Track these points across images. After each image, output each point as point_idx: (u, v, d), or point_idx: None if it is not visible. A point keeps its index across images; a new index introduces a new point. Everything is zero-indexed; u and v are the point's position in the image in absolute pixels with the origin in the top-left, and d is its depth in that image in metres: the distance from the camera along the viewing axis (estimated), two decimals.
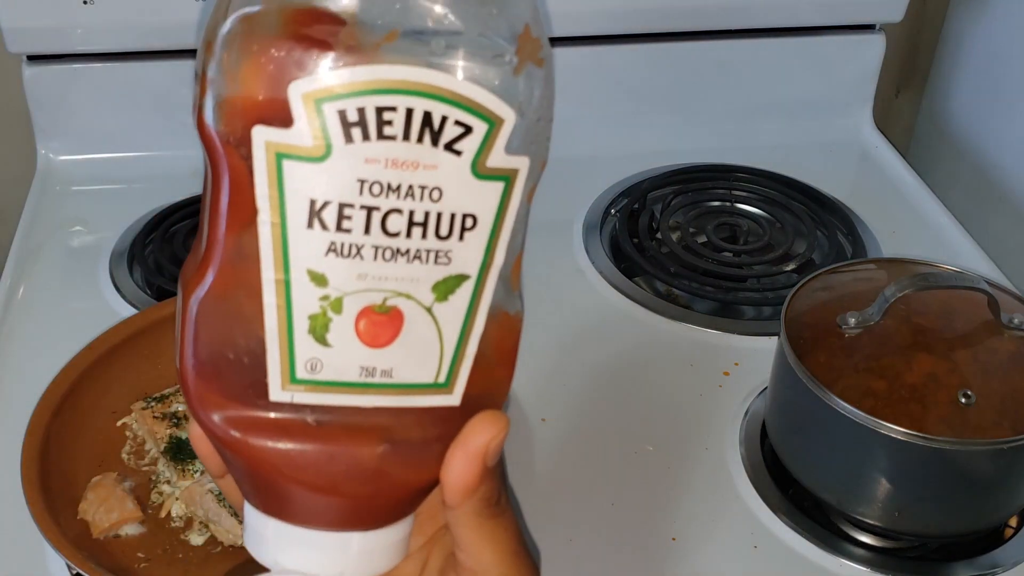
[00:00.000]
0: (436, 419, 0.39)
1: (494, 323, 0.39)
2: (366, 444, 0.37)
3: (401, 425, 0.38)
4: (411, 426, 0.38)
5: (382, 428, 0.38)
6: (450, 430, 0.39)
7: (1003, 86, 1.20)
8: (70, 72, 1.08)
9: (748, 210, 1.09)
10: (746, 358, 0.90)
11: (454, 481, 0.38)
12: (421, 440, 0.38)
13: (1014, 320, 0.74)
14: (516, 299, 0.41)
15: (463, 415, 0.39)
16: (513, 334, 0.41)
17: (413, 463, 0.38)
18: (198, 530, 0.73)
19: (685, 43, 1.17)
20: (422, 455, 0.39)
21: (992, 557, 0.75)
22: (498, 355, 0.40)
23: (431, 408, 0.39)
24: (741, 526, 0.76)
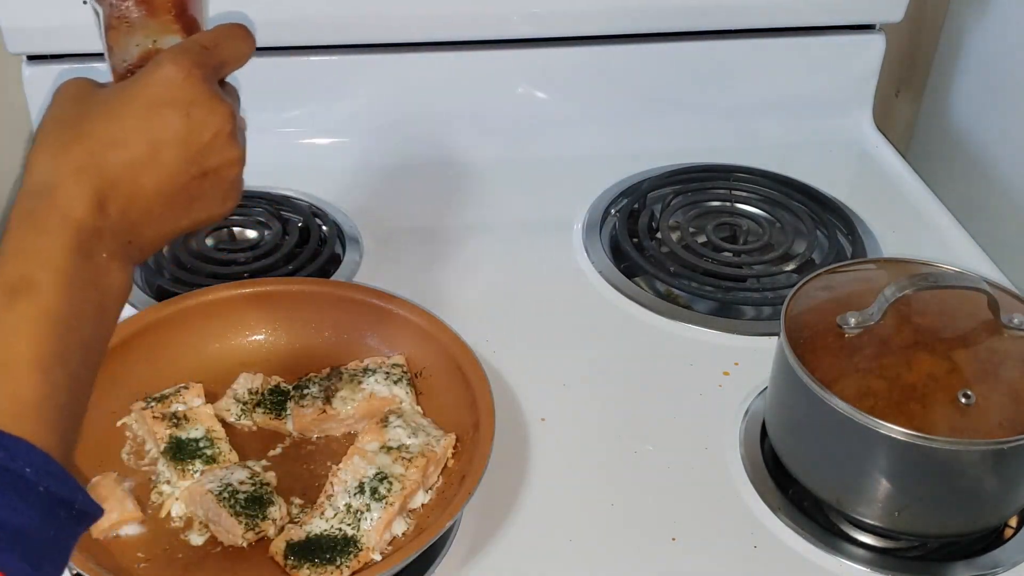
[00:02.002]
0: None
1: None
2: None
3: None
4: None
5: None
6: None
7: (1003, 86, 1.20)
8: (70, 72, 1.08)
9: (748, 210, 1.09)
10: (746, 358, 0.90)
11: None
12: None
13: (1014, 320, 0.74)
14: None
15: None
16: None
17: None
18: (198, 530, 0.73)
19: (685, 43, 1.17)
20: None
21: (992, 557, 0.75)
22: None
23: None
24: (741, 526, 0.76)
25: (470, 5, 1.10)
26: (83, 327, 0.51)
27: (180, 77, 0.54)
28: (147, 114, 0.54)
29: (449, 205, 1.09)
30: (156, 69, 0.54)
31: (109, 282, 0.53)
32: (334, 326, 0.87)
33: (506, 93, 1.16)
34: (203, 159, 0.55)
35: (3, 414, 0.46)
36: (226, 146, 0.56)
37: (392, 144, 1.14)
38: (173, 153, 0.54)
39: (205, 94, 0.55)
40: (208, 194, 0.57)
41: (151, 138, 0.54)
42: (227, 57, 0.58)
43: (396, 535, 0.72)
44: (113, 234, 0.53)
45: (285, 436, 0.80)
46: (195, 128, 0.55)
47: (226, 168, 0.57)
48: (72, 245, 0.51)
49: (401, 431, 0.77)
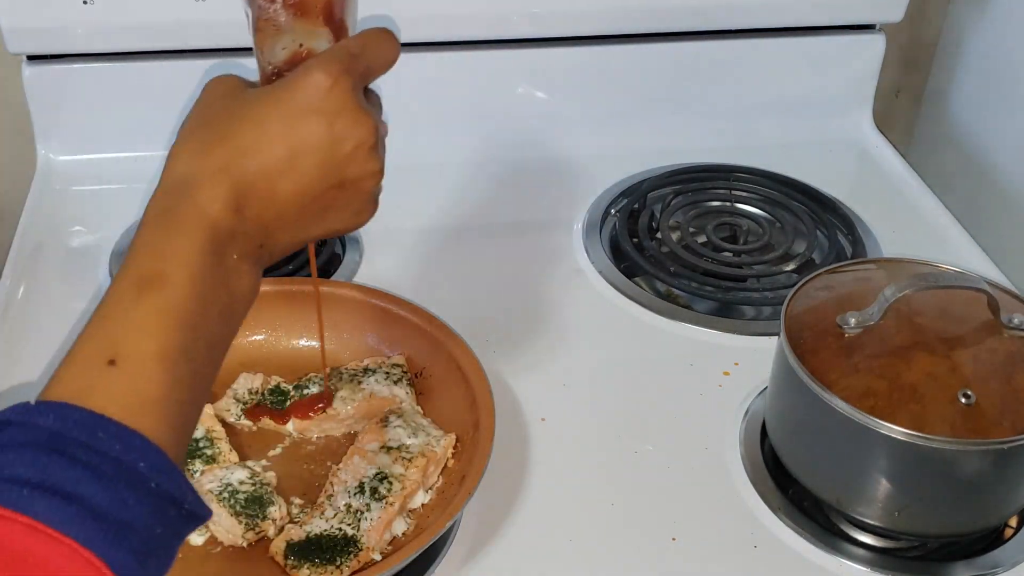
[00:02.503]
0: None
1: None
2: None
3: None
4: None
5: None
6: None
7: (1003, 86, 1.20)
8: (70, 72, 1.08)
9: (748, 210, 1.09)
10: (746, 358, 0.90)
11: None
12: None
13: (1014, 320, 0.74)
14: None
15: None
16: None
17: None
18: (198, 530, 0.73)
19: (685, 43, 1.17)
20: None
21: (992, 557, 0.75)
22: None
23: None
24: (741, 526, 0.76)
25: (470, 5, 1.10)
26: (209, 326, 0.51)
27: (327, 85, 0.54)
28: (291, 121, 0.54)
29: (449, 205, 1.09)
30: (305, 75, 0.54)
31: (238, 284, 0.53)
32: (334, 326, 0.87)
33: (506, 93, 1.16)
34: (342, 170, 0.55)
35: (123, 407, 0.46)
36: (367, 159, 0.56)
37: (392, 144, 1.14)
38: (313, 162, 0.54)
39: (351, 104, 0.55)
40: (343, 205, 0.57)
41: (293, 145, 0.54)
42: (374, 64, 0.58)
43: (396, 535, 0.72)
44: (246, 237, 0.53)
45: (285, 436, 0.80)
46: (338, 139, 0.54)
47: (364, 180, 0.57)
48: (206, 244, 0.51)
49: (401, 431, 0.77)
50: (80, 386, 0.47)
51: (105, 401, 0.46)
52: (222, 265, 0.52)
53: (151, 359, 0.48)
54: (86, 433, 0.45)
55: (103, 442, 0.45)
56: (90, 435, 0.45)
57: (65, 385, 0.47)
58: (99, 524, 0.43)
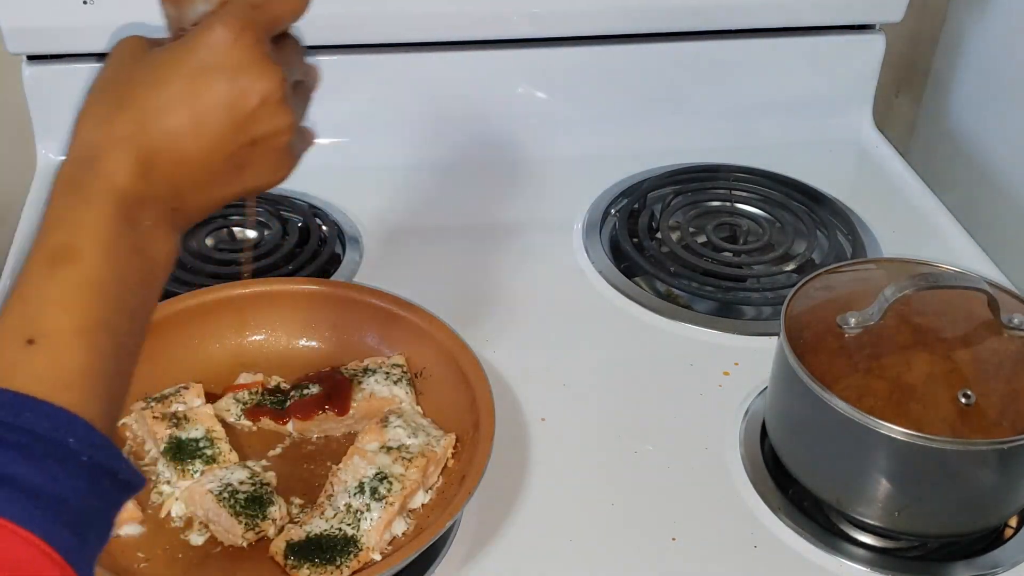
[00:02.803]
0: None
1: None
2: None
3: None
4: None
5: None
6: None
7: (1003, 86, 1.20)
8: (70, 72, 1.08)
9: (748, 210, 1.09)
10: (746, 358, 0.90)
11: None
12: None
13: (1014, 320, 0.74)
14: None
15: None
16: None
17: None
18: (198, 530, 0.73)
19: (685, 43, 1.17)
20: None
21: (992, 557, 0.75)
22: None
23: None
24: (741, 526, 0.76)
25: (470, 5, 1.10)
26: (127, 295, 0.51)
27: (229, 40, 0.53)
28: (192, 80, 0.53)
29: (449, 205, 1.09)
30: (205, 32, 0.53)
31: (154, 250, 0.53)
32: (334, 326, 0.87)
33: (506, 93, 1.16)
34: (250, 126, 0.54)
35: (46, 383, 0.46)
36: (276, 112, 0.54)
37: (392, 144, 1.14)
38: (218, 120, 0.53)
39: (254, 57, 0.53)
40: (259, 162, 0.56)
41: (196, 105, 0.53)
42: (279, 12, 0.56)
43: (396, 535, 0.72)
44: (157, 201, 0.52)
45: (285, 436, 0.80)
46: (242, 94, 0.53)
47: (276, 135, 0.55)
48: (115, 213, 0.50)
49: (401, 431, 0.77)
50: (3, 368, 0.47)
51: (28, 380, 0.46)
52: (135, 232, 0.51)
53: (70, 334, 0.48)
54: (11, 414, 0.45)
55: (30, 421, 0.45)
56: (15, 415, 0.45)
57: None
58: (34, 503, 0.43)
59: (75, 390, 0.47)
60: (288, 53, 0.58)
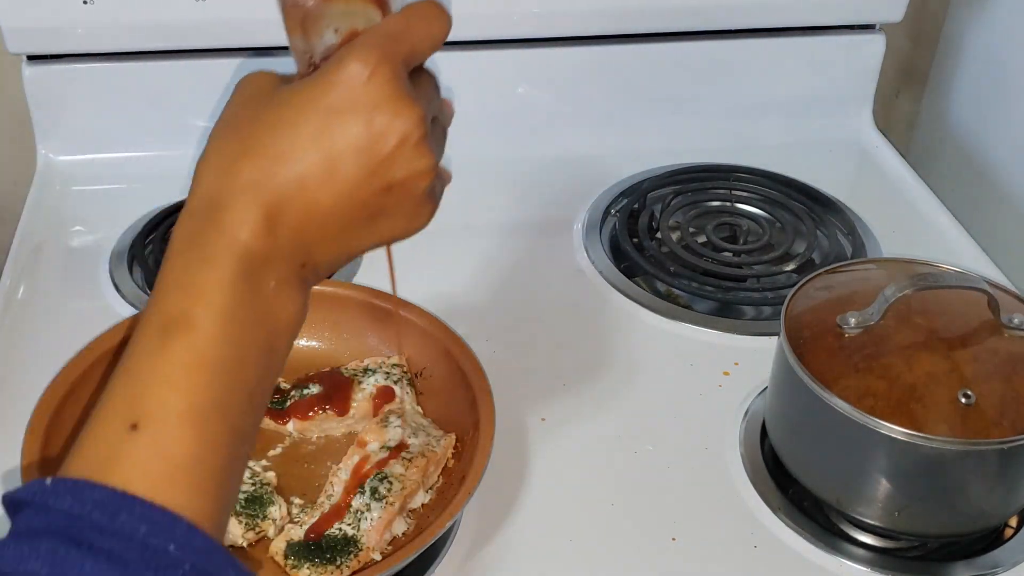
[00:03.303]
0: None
1: None
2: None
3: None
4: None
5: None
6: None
7: (1003, 86, 1.20)
8: (70, 72, 1.08)
9: (748, 210, 1.09)
10: (746, 358, 0.90)
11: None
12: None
13: (1014, 320, 0.74)
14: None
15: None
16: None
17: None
18: None
19: (685, 43, 1.17)
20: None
21: (992, 557, 0.75)
22: None
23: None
24: (741, 526, 0.76)
25: (470, 5, 1.10)
26: (247, 371, 0.46)
27: (364, 76, 0.48)
28: (325, 121, 0.48)
29: (449, 205, 1.08)
30: (338, 68, 0.48)
31: (279, 315, 0.48)
32: (334, 326, 0.87)
33: (506, 93, 1.16)
34: (387, 171, 0.49)
35: (148, 477, 0.42)
36: (414, 155, 0.49)
37: None
38: (353, 165, 0.48)
39: (392, 95, 0.48)
40: (394, 209, 0.51)
41: (329, 149, 0.48)
42: (419, 44, 0.51)
43: (396, 535, 0.72)
44: (284, 258, 0.48)
45: (285, 436, 0.80)
46: (378, 136, 0.48)
47: (414, 180, 0.50)
48: (238, 275, 0.45)
49: (401, 431, 0.77)
50: (101, 457, 0.42)
51: (128, 473, 0.41)
52: (259, 296, 0.47)
53: (178, 419, 0.43)
54: (107, 516, 0.40)
55: (126, 524, 0.40)
56: (111, 518, 0.40)
57: (85, 457, 0.43)
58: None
59: (180, 485, 0.42)
60: (425, 88, 0.53)
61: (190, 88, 1.09)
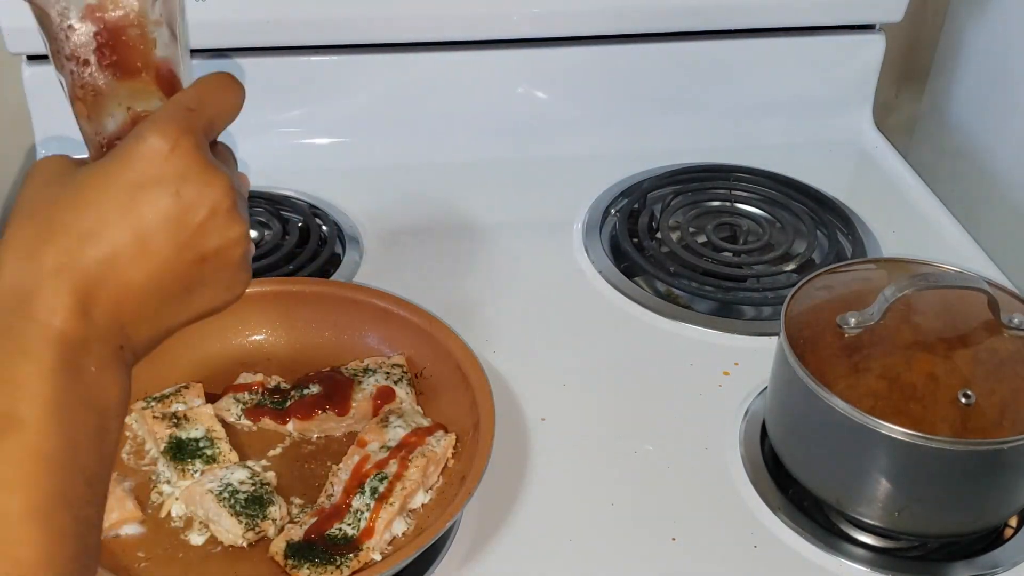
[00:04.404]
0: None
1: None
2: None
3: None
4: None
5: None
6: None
7: (1003, 86, 1.20)
8: None
9: (748, 210, 1.09)
10: (746, 358, 0.90)
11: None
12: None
13: (1014, 320, 0.74)
14: None
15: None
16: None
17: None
18: (198, 530, 0.73)
19: (685, 43, 1.17)
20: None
21: (992, 557, 0.75)
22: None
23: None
24: (741, 526, 0.76)
25: (470, 5, 1.10)
26: (81, 458, 0.44)
27: (166, 149, 0.47)
28: (129, 197, 0.46)
29: (449, 205, 1.09)
30: (138, 142, 0.47)
31: (105, 397, 0.46)
32: (334, 326, 0.87)
33: (506, 93, 1.16)
34: (200, 242, 0.48)
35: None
36: (226, 224, 0.49)
37: (392, 144, 1.14)
38: (163, 239, 0.47)
39: (197, 166, 0.47)
40: (210, 280, 0.50)
41: (136, 225, 0.46)
42: (216, 115, 0.50)
43: (396, 535, 0.72)
44: (102, 342, 0.46)
45: (285, 436, 0.80)
46: (188, 208, 0.47)
47: (228, 248, 0.49)
48: (57, 365, 0.44)
49: (401, 431, 0.77)
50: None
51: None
52: (81, 382, 0.45)
53: (19, 519, 0.41)
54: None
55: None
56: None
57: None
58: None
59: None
60: (226, 159, 0.53)
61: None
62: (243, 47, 1.08)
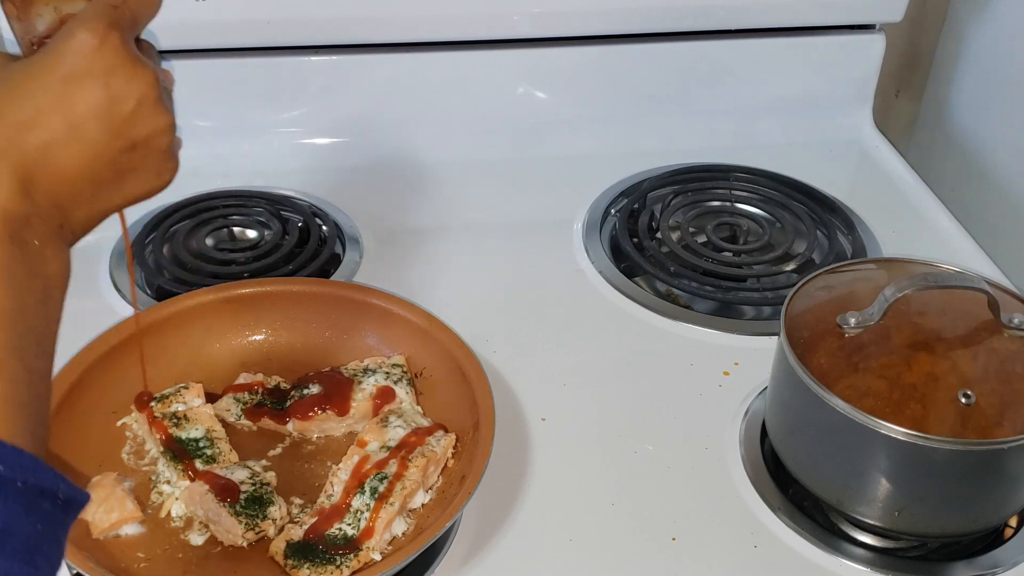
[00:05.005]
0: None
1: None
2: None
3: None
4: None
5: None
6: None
7: (1003, 86, 1.20)
8: None
9: (748, 210, 1.09)
10: (746, 358, 0.90)
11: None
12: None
13: (1014, 320, 0.74)
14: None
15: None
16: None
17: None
18: (198, 530, 0.73)
19: (685, 43, 1.17)
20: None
21: (992, 557, 0.75)
22: None
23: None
24: (741, 526, 0.76)
25: (470, 5, 1.10)
26: (31, 318, 0.49)
27: (95, 44, 0.50)
28: (62, 89, 0.50)
29: (449, 205, 1.09)
30: (68, 38, 0.50)
31: (48, 269, 0.51)
32: (334, 326, 0.87)
33: (506, 93, 1.16)
34: (129, 130, 0.52)
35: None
36: (153, 113, 0.53)
37: (392, 144, 1.14)
38: (95, 128, 0.51)
39: (124, 59, 0.51)
40: (140, 167, 0.54)
41: (70, 114, 0.50)
42: (139, 11, 0.54)
43: (396, 535, 0.72)
44: (42, 219, 0.50)
45: (285, 436, 0.80)
46: (116, 98, 0.51)
47: (156, 137, 0.53)
48: (4, 237, 0.48)
49: (401, 431, 0.77)
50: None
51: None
52: (27, 252, 0.49)
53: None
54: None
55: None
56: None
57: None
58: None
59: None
60: (151, 54, 0.56)
61: (190, 88, 1.09)
62: (243, 47, 1.08)
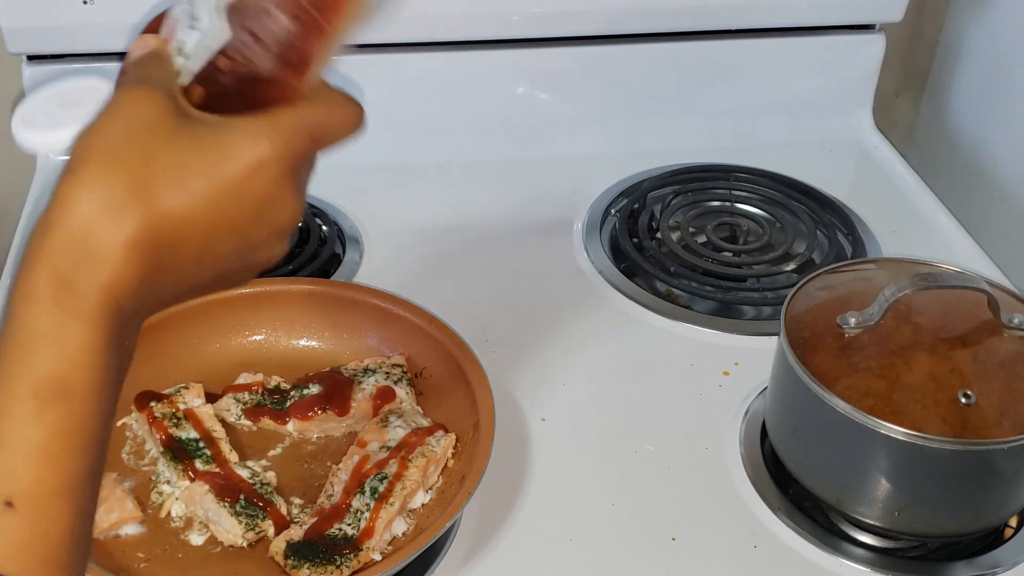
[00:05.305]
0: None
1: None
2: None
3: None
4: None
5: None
6: None
7: (1003, 86, 1.20)
8: (70, 72, 1.08)
9: (748, 210, 1.09)
10: (746, 358, 0.90)
11: None
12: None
13: (1014, 320, 0.74)
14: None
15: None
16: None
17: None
18: (198, 530, 0.73)
19: (685, 43, 1.17)
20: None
21: (992, 557, 0.75)
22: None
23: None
24: (741, 526, 0.76)
25: (470, 5, 1.10)
26: (108, 431, 0.43)
27: (274, 173, 0.47)
28: (217, 199, 0.46)
29: (449, 205, 1.09)
30: (253, 144, 0.46)
31: (123, 372, 0.45)
32: (334, 326, 0.87)
33: (506, 93, 1.16)
34: (250, 254, 0.49)
35: (23, 558, 0.40)
36: (279, 243, 0.50)
37: (392, 144, 1.14)
38: (226, 246, 0.47)
39: (286, 193, 0.48)
40: (232, 278, 0.51)
41: (212, 227, 0.46)
42: (330, 144, 0.51)
43: (396, 535, 0.72)
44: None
45: (285, 436, 0.80)
46: (260, 223, 0.48)
47: (263, 263, 0.51)
48: (111, 338, 0.43)
49: (401, 431, 0.77)
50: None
51: (5, 551, 0.39)
52: (123, 353, 0.44)
53: (55, 495, 0.40)
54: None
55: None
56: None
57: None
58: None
59: (52, 564, 0.40)
60: (311, 171, 0.53)
61: None
62: None
